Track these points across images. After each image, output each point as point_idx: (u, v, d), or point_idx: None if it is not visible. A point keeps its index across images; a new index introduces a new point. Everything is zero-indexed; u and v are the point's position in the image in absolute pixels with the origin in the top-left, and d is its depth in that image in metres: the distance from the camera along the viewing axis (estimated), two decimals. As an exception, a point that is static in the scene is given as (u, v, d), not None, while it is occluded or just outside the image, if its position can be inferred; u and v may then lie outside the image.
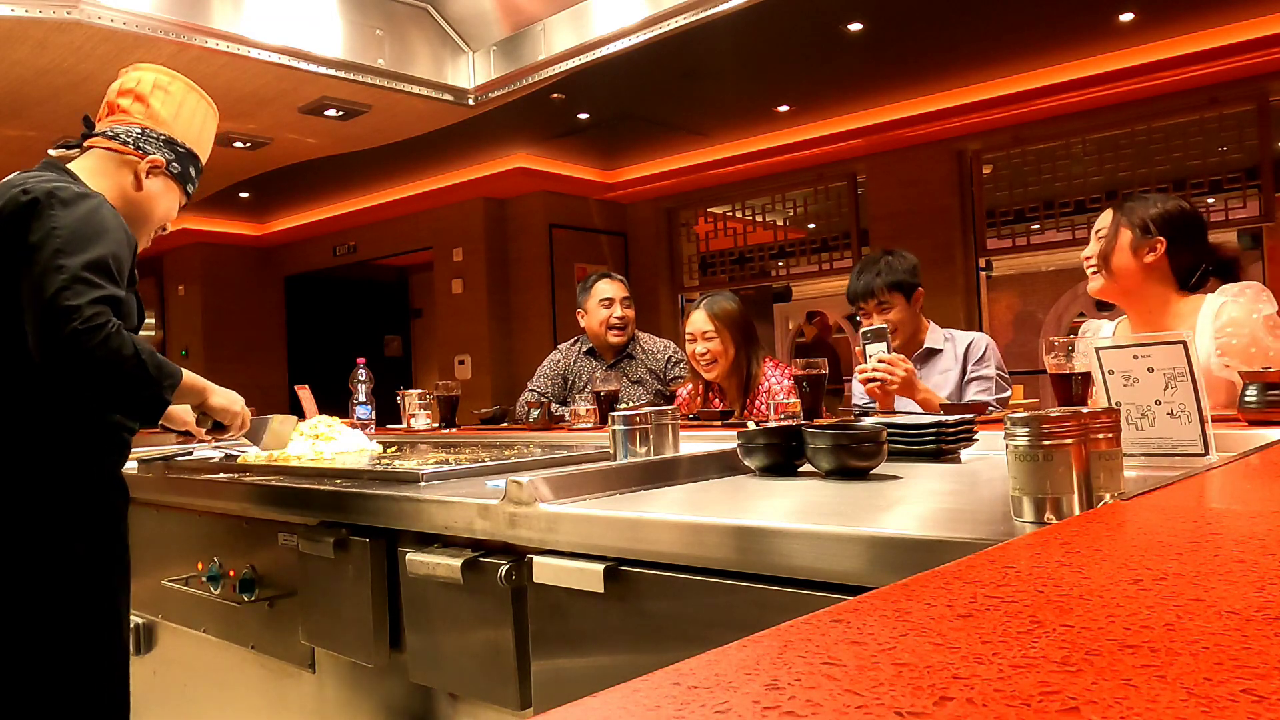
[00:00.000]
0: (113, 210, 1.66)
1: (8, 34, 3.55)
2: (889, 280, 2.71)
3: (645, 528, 1.18)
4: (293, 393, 3.54)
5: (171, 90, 1.88)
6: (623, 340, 3.55)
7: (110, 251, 1.56)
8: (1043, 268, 6.54)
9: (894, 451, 1.64)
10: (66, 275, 1.49)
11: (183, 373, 1.70)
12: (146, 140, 1.81)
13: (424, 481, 1.65)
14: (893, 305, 2.71)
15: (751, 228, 8.03)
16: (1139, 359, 1.36)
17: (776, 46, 5.22)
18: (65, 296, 1.48)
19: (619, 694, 0.39)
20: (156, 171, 1.82)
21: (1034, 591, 0.54)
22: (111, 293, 1.53)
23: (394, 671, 1.62)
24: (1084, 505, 0.95)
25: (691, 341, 3.04)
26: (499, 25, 4.47)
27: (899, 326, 2.70)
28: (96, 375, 1.52)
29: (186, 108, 1.90)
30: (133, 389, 1.57)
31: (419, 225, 8.58)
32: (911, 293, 2.73)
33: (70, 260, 1.51)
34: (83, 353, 1.48)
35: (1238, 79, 5.47)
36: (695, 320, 3.03)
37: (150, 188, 1.82)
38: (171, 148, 1.85)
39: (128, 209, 1.78)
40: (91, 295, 1.49)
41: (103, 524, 1.68)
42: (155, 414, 1.67)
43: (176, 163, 1.86)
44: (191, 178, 1.91)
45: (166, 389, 1.62)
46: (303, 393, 3.38)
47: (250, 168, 5.91)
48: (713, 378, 3.04)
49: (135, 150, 1.79)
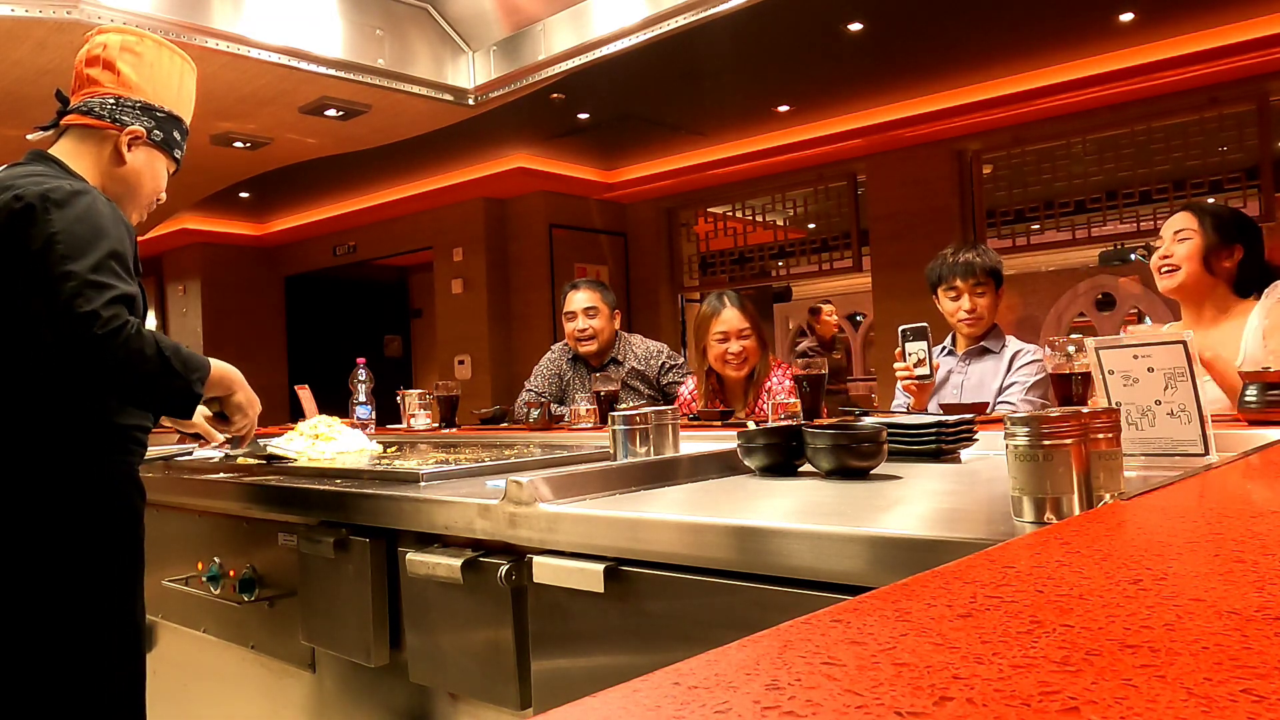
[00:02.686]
0: (107, 203, 1.62)
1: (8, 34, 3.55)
2: (988, 265, 2.73)
3: (645, 528, 1.18)
4: (293, 393, 3.55)
5: (140, 50, 1.76)
6: (593, 349, 3.55)
7: (113, 248, 1.54)
8: (1043, 268, 6.54)
9: (894, 451, 1.64)
10: (76, 281, 1.47)
11: (210, 364, 1.67)
12: (122, 110, 1.72)
13: (424, 481, 1.65)
14: (987, 291, 2.73)
15: (751, 228, 8.03)
16: (1139, 359, 1.36)
17: (776, 46, 5.22)
18: (79, 303, 1.45)
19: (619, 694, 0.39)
20: (138, 143, 1.74)
21: (1034, 591, 0.54)
22: (124, 291, 1.51)
23: (394, 671, 1.62)
24: (1084, 505, 0.95)
25: (721, 341, 2.98)
26: (499, 25, 4.47)
27: (985, 314, 2.73)
28: (123, 377, 1.51)
29: (160, 68, 1.78)
30: (161, 387, 1.55)
31: (419, 225, 8.57)
32: (999, 285, 2.76)
33: (77, 265, 1.48)
34: (106, 357, 1.46)
35: (1238, 79, 5.47)
36: (728, 319, 2.96)
37: (134, 160, 1.74)
38: (150, 114, 1.75)
39: (114, 186, 1.73)
40: (105, 297, 1.47)
41: (120, 525, 1.66)
42: (189, 408, 1.62)
43: (158, 129, 1.77)
44: (177, 142, 1.82)
45: (196, 382, 1.59)
46: (303, 393, 3.38)
47: (250, 168, 5.91)
48: (740, 376, 2.99)
49: (112, 123, 1.71)
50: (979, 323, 2.74)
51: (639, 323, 8.08)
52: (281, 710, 1.91)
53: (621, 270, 8.42)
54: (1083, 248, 6.36)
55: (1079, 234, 6.27)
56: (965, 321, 2.75)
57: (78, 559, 1.58)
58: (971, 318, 2.73)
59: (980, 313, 2.72)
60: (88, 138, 1.72)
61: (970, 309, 2.72)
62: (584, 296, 3.57)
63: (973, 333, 2.76)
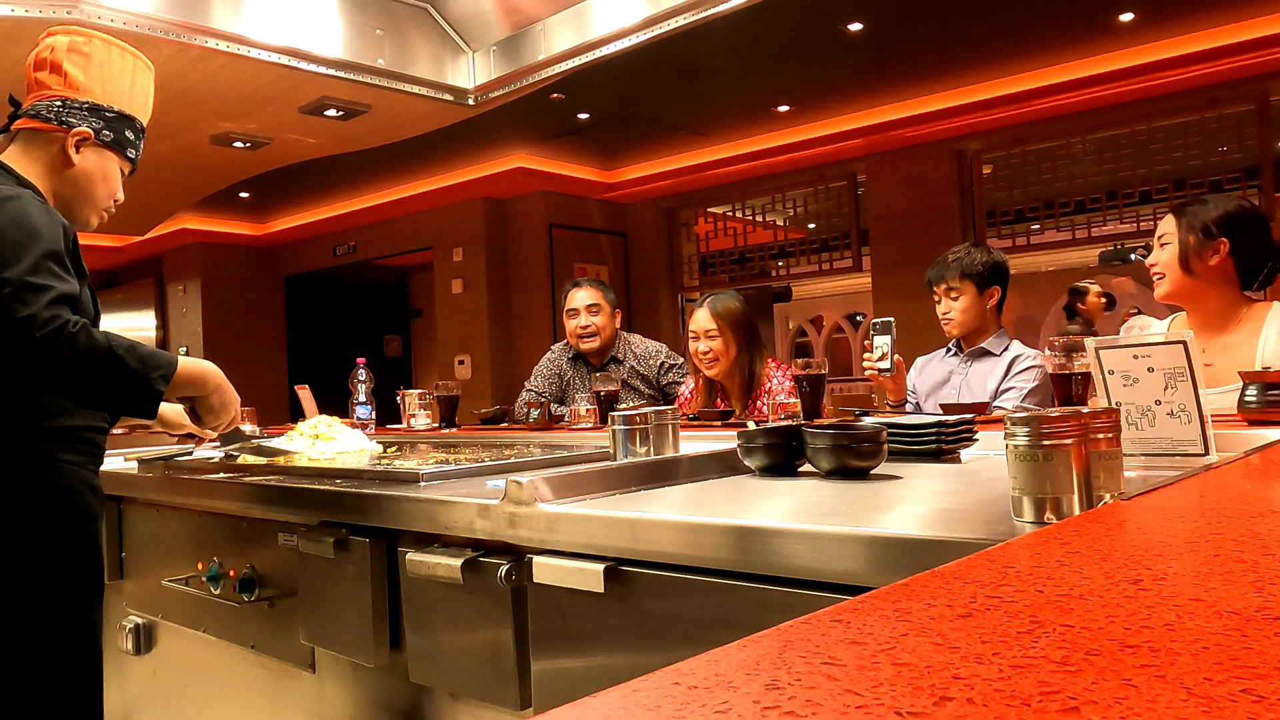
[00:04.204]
0: (39, 203, 1.59)
1: (8, 34, 3.55)
2: (960, 270, 2.74)
3: (645, 528, 1.18)
4: (293, 393, 3.55)
5: (89, 51, 1.73)
6: (595, 346, 3.57)
7: (48, 249, 1.51)
8: (1043, 268, 6.54)
9: (894, 451, 1.64)
10: (11, 287, 1.44)
11: (178, 363, 1.63)
12: (69, 112, 1.70)
13: (424, 481, 1.65)
14: (962, 294, 2.74)
15: (751, 228, 8.03)
16: (1139, 359, 1.36)
17: (776, 46, 5.22)
18: (17, 308, 1.43)
19: (619, 694, 0.39)
20: (86, 144, 1.72)
21: (1034, 591, 0.54)
22: (63, 290, 1.49)
23: (394, 671, 1.62)
24: (1084, 505, 0.95)
25: (694, 339, 3.06)
26: (499, 25, 4.47)
27: (960, 316, 2.74)
28: (71, 377, 1.48)
29: (110, 68, 1.75)
30: (115, 385, 1.52)
31: (419, 225, 8.57)
32: (984, 287, 2.74)
33: (11, 271, 1.45)
34: (52, 358, 1.44)
35: (1238, 79, 5.47)
36: (698, 319, 3.05)
37: (83, 162, 1.72)
38: (99, 115, 1.73)
39: (64, 188, 1.71)
40: (44, 299, 1.44)
41: (69, 527, 1.62)
42: (150, 407, 1.58)
43: (108, 129, 1.74)
44: (130, 141, 1.79)
45: (157, 379, 1.56)
46: (303, 393, 3.38)
47: (250, 168, 5.91)
48: (714, 375, 3.06)
49: (58, 125, 1.69)
50: (954, 325, 2.76)
51: (639, 323, 8.07)
52: (281, 710, 1.91)
53: (621, 270, 8.42)
54: (1083, 248, 6.36)
55: (1079, 234, 6.27)
56: (943, 323, 2.80)
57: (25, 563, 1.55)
58: (946, 320, 2.78)
59: (955, 315, 2.75)
60: (35, 141, 1.71)
61: (945, 311, 2.78)
62: (586, 294, 3.58)
63: (953, 334, 2.80)
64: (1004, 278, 2.77)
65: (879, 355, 2.53)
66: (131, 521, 2.33)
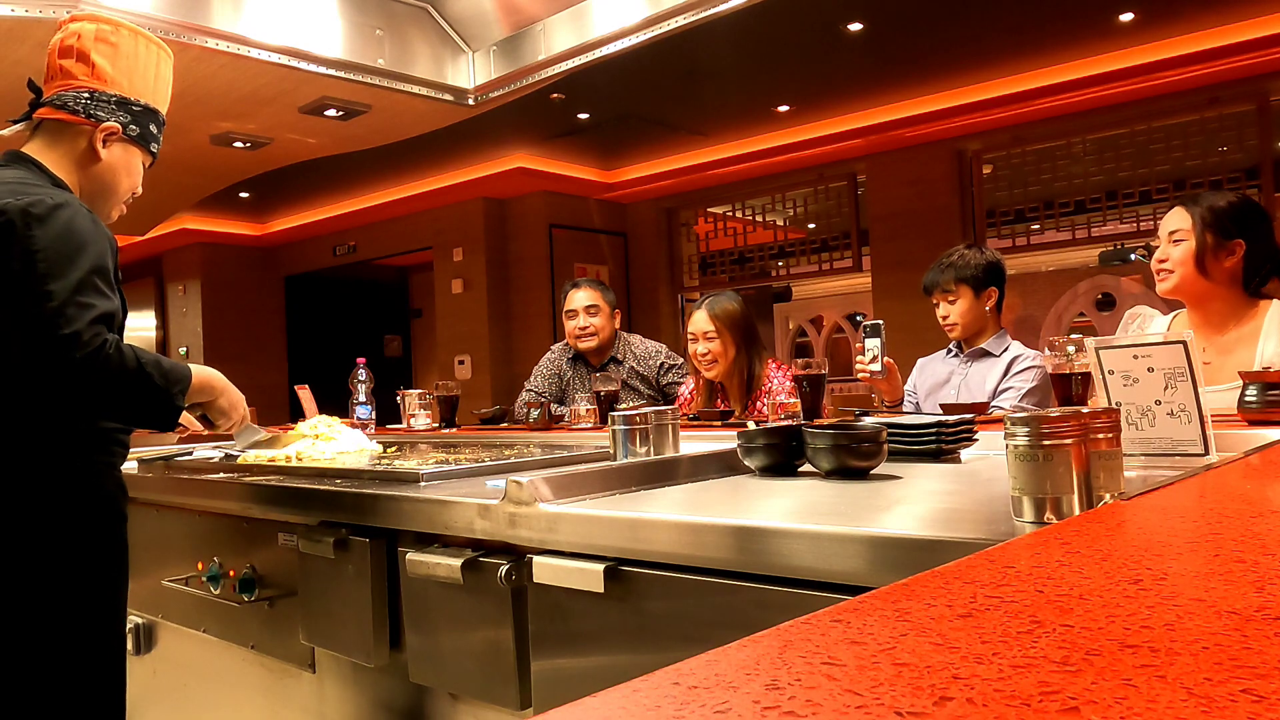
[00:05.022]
0: (87, 214, 1.58)
1: (8, 34, 3.55)
2: (956, 274, 2.76)
3: (645, 528, 1.18)
4: (293, 393, 3.54)
5: (116, 41, 1.69)
6: (593, 346, 3.57)
7: (94, 264, 1.51)
8: (1043, 268, 6.54)
9: (894, 451, 1.64)
10: (56, 301, 1.45)
11: (191, 373, 1.65)
12: (97, 105, 1.67)
13: (424, 481, 1.65)
14: (959, 298, 2.76)
15: (751, 228, 8.03)
16: (1139, 359, 1.36)
17: (776, 46, 5.22)
18: (61, 324, 1.44)
19: (619, 694, 0.39)
20: (114, 139, 1.69)
21: (1034, 591, 0.54)
22: (105, 309, 1.50)
23: (394, 671, 1.62)
24: (1084, 505, 0.95)
25: (693, 341, 3.07)
26: (499, 25, 4.47)
27: (960, 319, 2.75)
28: (105, 397, 1.51)
29: (138, 59, 1.71)
30: (141, 404, 1.55)
31: (419, 225, 8.57)
32: (981, 289, 2.75)
33: (58, 284, 1.46)
34: (89, 379, 1.46)
35: (1238, 79, 5.47)
36: (696, 320, 3.06)
37: (110, 157, 1.69)
38: (126, 109, 1.70)
39: (90, 184, 1.70)
40: (86, 318, 1.46)
41: (104, 525, 1.65)
42: (169, 421, 1.62)
43: (134, 124, 1.71)
44: (154, 135, 1.77)
45: (178, 394, 1.59)
46: (303, 393, 3.38)
47: (250, 168, 5.91)
48: (712, 376, 3.06)
49: (87, 119, 1.66)
50: (956, 329, 2.78)
51: (639, 323, 8.07)
52: (281, 710, 1.91)
53: (621, 270, 8.42)
54: (1083, 248, 6.36)
55: (1079, 234, 6.27)
56: (944, 328, 2.82)
57: (61, 559, 1.57)
58: (947, 324, 2.80)
59: (955, 319, 2.77)
60: (62, 133, 1.67)
61: (945, 315, 2.80)
62: (585, 294, 3.58)
63: (956, 338, 2.82)
64: (1000, 278, 2.77)
65: (870, 358, 2.55)
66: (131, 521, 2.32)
